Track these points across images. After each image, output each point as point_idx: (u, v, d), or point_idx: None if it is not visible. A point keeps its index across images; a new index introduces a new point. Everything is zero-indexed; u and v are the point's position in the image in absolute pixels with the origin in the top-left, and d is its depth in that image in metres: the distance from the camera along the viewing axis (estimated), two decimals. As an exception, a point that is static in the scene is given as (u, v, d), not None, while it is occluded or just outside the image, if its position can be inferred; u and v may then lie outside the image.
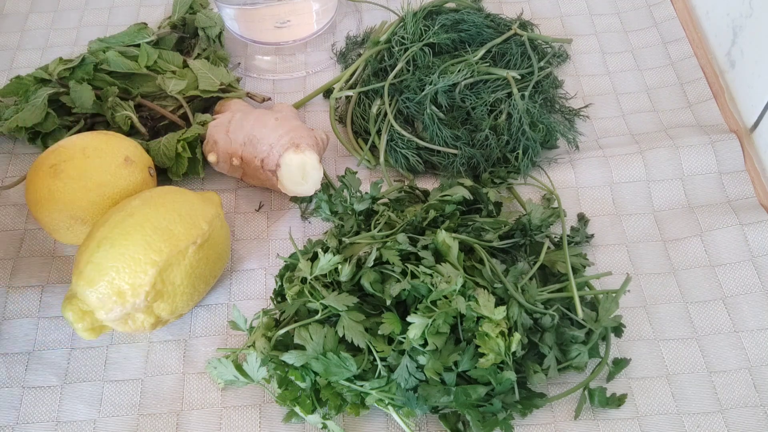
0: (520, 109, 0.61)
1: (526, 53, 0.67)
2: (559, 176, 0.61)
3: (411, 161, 0.61)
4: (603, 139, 0.64)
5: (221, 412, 0.51)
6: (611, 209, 0.60)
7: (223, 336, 0.54)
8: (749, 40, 0.61)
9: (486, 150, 0.60)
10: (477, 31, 0.67)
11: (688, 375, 0.51)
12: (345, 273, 0.49)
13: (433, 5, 0.70)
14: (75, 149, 0.54)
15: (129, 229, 0.48)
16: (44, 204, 0.53)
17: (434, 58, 0.66)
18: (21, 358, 0.53)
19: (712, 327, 0.53)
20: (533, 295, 0.49)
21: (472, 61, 0.64)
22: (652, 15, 0.73)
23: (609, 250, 0.57)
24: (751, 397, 0.50)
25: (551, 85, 0.66)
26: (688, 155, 0.61)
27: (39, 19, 0.78)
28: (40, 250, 0.59)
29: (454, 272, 0.47)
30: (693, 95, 0.66)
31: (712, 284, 0.55)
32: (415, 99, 0.63)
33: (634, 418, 0.49)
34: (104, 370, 0.53)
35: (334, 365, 0.46)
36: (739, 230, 0.57)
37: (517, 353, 0.47)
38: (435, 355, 0.46)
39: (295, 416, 0.49)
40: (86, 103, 0.62)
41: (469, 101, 0.63)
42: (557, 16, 0.74)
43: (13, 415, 0.51)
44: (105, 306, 0.48)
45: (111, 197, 0.54)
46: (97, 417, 0.51)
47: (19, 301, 0.56)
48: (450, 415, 0.48)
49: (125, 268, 0.47)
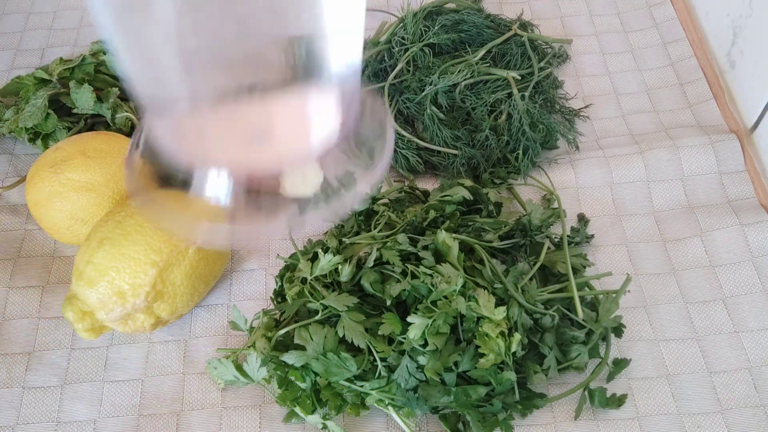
0: (520, 109, 0.61)
1: (526, 54, 0.67)
2: (559, 176, 0.61)
3: (411, 161, 0.61)
4: (603, 140, 0.64)
5: (221, 413, 0.51)
6: (611, 209, 0.60)
7: (223, 336, 0.54)
8: (749, 41, 0.61)
9: (486, 150, 0.60)
10: (477, 32, 0.67)
11: (688, 375, 0.51)
12: (345, 273, 0.49)
13: (433, 6, 0.70)
14: (75, 150, 0.54)
15: (129, 229, 0.48)
16: (44, 204, 0.53)
17: (434, 59, 0.66)
18: (21, 359, 0.53)
19: (713, 327, 0.53)
20: (533, 295, 0.49)
21: (472, 61, 0.64)
22: (652, 15, 0.73)
23: (609, 250, 0.57)
24: (752, 397, 0.50)
25: (551, 85, 0.66)
26: (688, 155, 0.61)
27: (39, 19, 0.78)
28: (40, 251, 0.59)
29: (454, 272, 0.47)
30: (693, 95, 0.66)
31: (712, 284, 0.55)
32: (415, 99, 0.63)
33: (635, 419, 0.49)
34: (104, 371, 0.53)
35: (334, 365, 0.46)
36: (739, 230, 0.57)
37: (517, 353, 0.47)
38: (435, 356, 0.46)
39: (295, 416, 0.49)
40: (86, 103, 0.62)
41: (469, 101, 0.63)
42: (557, 16, 0.74)
43: (13, 415, 0.51)
44: (105, 306, 0.48)
45: (111, 197, 0.54)
46: (97, 417, 0.51)
47: (19, 301, 0.56)
48: (450, 415, 0.48)
49: (125, 268, 0.47)
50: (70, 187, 0.53)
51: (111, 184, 0.54)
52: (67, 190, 0.52)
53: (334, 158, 0.38)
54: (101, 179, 0.53)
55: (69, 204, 0.53)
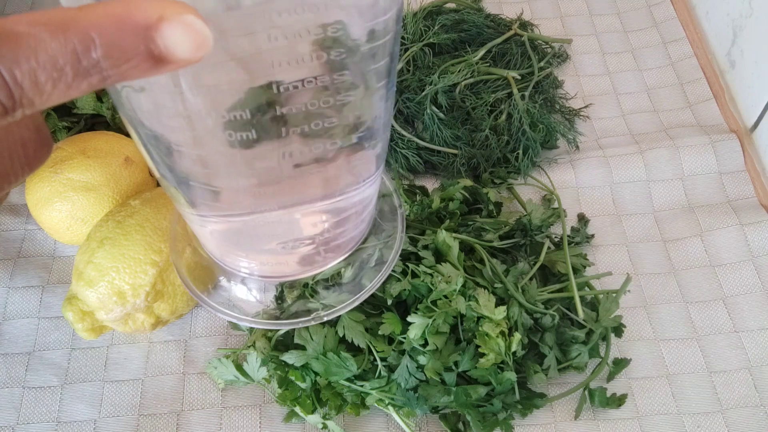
0: (521, 109, 0.61)
1: (526, 53, 0.67)
2: (559, 176, 0.61)
3: (411, 161, 0.61)
4: (603, 139, 0.64)
5: (221, 413, 0.51)
6: (611, 209, 0.60)
7: (223, 336, 0.54)
8: (749, 40, 0.61)
9: (486, 150, 0.60)
10: (477, 31, 0.67)
11: (688, 375, 0.51)
12: (347, 276, 0.49)
13: (433, 5, 0.70)
14: (75, 149, 0.54)
15: (129, 229, 0.48)
16: (44, 204, 0.53)
17: (434, 58, 0.66)
18: (21, 359, 0.53)
19: (712, 327, 0.53)
20: (533, 295, 0.49)
21: (473, 61, 0.64)
22: (652, 15, 0.73)
23: (609, 250, 0.57)
24: (751, 397, 0.50)
25: (551, 85, 0.66)
26: (688, 155, 0.61)
27: (39, 19, 0.78)
28: (40, 251, 0.59)
29: (454, 272, 0.47)
30: (693, 95, 0.66)
31: (712, 284, 0.55)
32: (415, 99, 0.63)
33: (635, 418, 0.49)
34: (104, 371, 0.53)
35: (335, 365, 0.46)
36: (739, 230, 0.57)
37: (517, 353, 0.47)
38: (435, 355, 0.46)
39: (295, 416, 0.49)
40: (86, 103, 0.62)
41: (469, 101, 0.63)
42: (557, 16, 0.74)
43: (14, 415, 0.51)
44: (105, 306, 0.47)
45: (111, 197, 0.54)
46: (97, 417, 0.51)
47: (19, 301, 0.56)
48: (450, 415, 0.48)
49: (125, 268, 0.47)
50: (70, 187, 0.53)
51: (111, 184, 0.54)
52: (67, 190, 0.52)
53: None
54: (101, 179, 0.53)
55: (69, 204, 0.53)
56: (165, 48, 0.17)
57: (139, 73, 0.18)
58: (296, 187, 0.30)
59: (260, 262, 0.36)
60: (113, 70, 0.17)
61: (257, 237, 0.34)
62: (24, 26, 0.16)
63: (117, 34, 0.17)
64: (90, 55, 0.17)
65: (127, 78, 0.18)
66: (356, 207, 0.35)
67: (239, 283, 0.39)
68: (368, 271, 0.41)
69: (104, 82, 0.18)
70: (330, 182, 0.30)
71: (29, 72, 0.16)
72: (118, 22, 0.17)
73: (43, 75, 0.16)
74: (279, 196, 0.30)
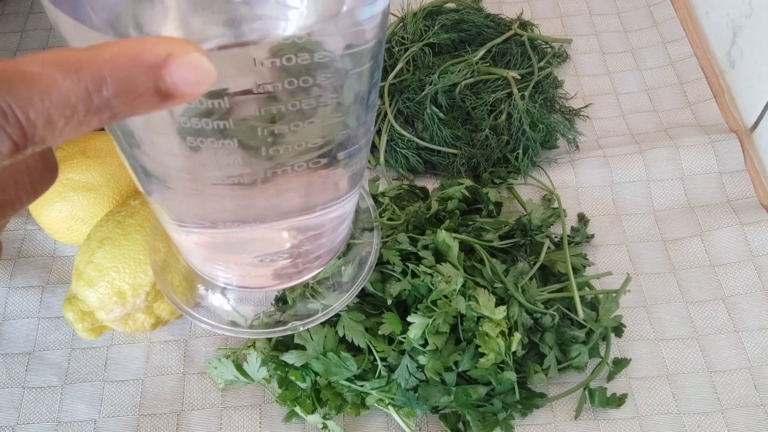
0: (520, 109, 0.61)
1: (526, 53, 0.67)
2: (559, 176, 0.61)
3: (411, 161, 0.61)
4: (603, 139, 0.64)
5: (221, 412, 0.51)
6: (611, 209, 0.60)
7: (223, 336, 0.54)
8: (749, 40, 0.61)
9: (486, 150, 0.60)
10: (477, 31, 0.67)
11: (688, 375, 0.51)
12: (347, 274, 0.49)
13: (433, 5, 0.70)
14: (75, 149, 0.54)
15: (129, 229, 0.48)
16: (44, 204, 0.53)
17: (434, 58, 0.66)
18: (21, 359, 0.53)
19: (713, 327, 0.53)
20: (533, 295, 0.49)
21: (473, 61, 0.64)
22: (652, 15, 0.73)
23: (609, 250, 0.57)
24: (752, 397, 0.50)
25: (551, 85, 0.66)
26: (688, 155, 0.61)
27: (39, 19, 0.78)
28: (40, 251, 0.59)
29: (454, 272, 0.47)
30: (693, 95, 0.66)
31: (712, 284, 0.55)
32: (415, 99, 0.63)
33: (635, 418, 0.49)
34: (105, 371, 0.53)
35: (335, 365, 0.46)
36: (739, 230, 0.57)
37: (517, 353, 0.47)
38: (435, 355, 0.46)
39: (295, 416, 0.49)
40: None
41: (469, 101, 0.63)
42: (557, 16, 0.74)
43: (14, 415, 0.51)
44: (105, 306, 0.48)
45: (111, 197, 0.54)
46: (97, 417, 0.51)
47: (19, 301, 0.56)
48: (450, 415, 0.48)
49: (125, 268, 0.47)
50: (70, 187, 0.53)
51: (111, 184, 0.54)
52: (67, 190, 0.52)
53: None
54: (101, 179, 0.53)
55: (69, 204, 0.53)
56: (173, 84, 0.18)
57: (147, 109, 0.18)
58: (264, 202, 0.30)
59: (239, 274, 0.37)
60: (123, 107, 0.18)
61: (234, 250, 0.34)
62: (38, 66, 0.17)
63: (127, 73, 0.17)
64: (101, 94, 0.17)
65: (135, 113, 0.18)
66: (333, 222, 0.35)
67: (218, 293, 0.40)
68: (344, 281, 0.43)
69: (114, 118, 0.18)
70: (305, 198, 0.31)
71: (43, 111, 0.17)
72: (129, 61, 0.17)
73: (56, 113, 0.17)
74: (249, 210, 0.30)
